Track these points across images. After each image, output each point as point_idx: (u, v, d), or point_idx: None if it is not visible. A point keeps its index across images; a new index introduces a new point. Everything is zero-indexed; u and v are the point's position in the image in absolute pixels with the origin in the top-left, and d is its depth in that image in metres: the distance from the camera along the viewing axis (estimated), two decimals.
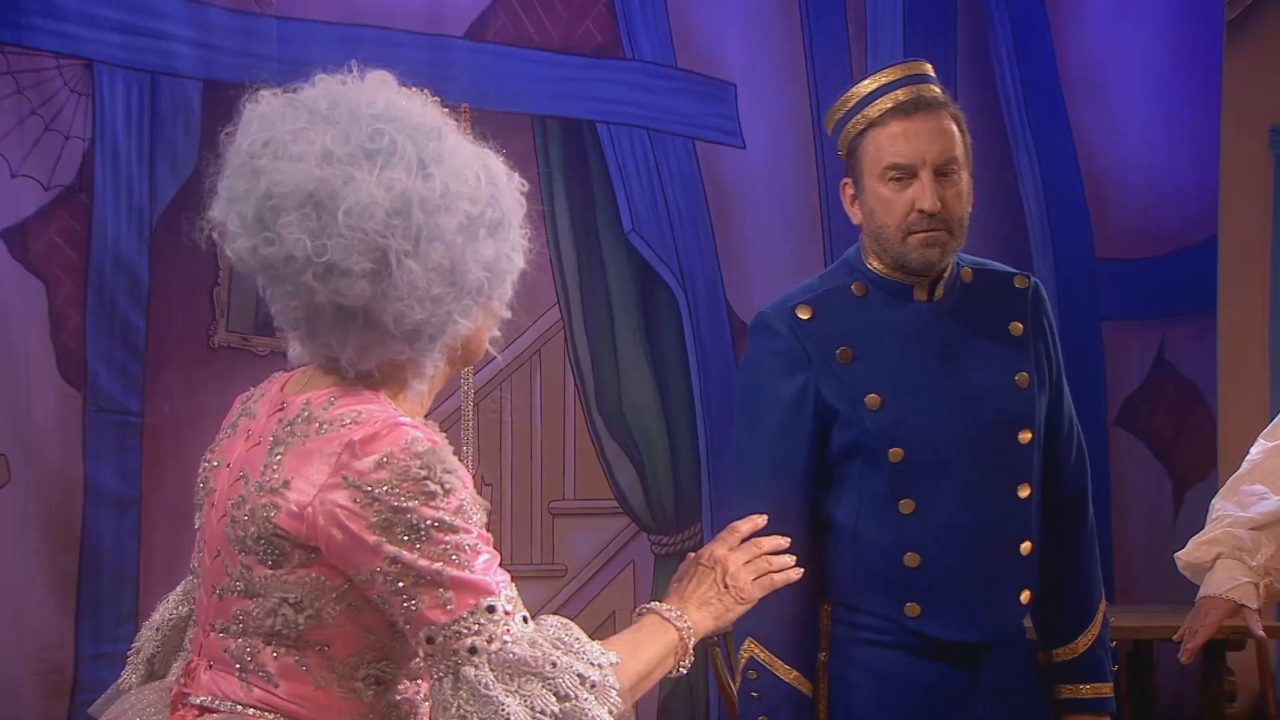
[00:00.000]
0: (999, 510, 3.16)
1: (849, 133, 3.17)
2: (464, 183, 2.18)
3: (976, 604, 3.15)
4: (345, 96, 2.18)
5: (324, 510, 2.13)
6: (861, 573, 3.15)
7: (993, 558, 3.15)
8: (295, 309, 2.18)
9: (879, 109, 3.13)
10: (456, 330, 2.22)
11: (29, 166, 4.76)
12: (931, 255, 3.11)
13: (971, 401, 3.14)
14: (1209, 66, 5.91)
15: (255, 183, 2.14)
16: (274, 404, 2.28)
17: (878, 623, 3.15)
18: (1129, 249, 5.96)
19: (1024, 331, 3.22)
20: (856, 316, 3.16)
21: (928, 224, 3.09)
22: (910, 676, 3.14)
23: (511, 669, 2.12)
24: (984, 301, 3.22)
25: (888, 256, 3.14)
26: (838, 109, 3.21)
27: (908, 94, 3.13)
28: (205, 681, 2.25)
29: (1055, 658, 3.29)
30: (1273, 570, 3.30)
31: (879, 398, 3.11)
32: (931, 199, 3.08)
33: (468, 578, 2.12)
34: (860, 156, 3.15)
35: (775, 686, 3.12)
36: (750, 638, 3.12)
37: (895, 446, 3.10)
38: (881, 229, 3.13)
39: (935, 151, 3.10)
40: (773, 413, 3.14)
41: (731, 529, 2.48)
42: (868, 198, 3.14)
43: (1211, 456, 5.82)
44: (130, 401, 4.83)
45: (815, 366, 3.12)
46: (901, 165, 3.09)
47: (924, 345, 3.16)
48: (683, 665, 2.38)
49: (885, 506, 3.12)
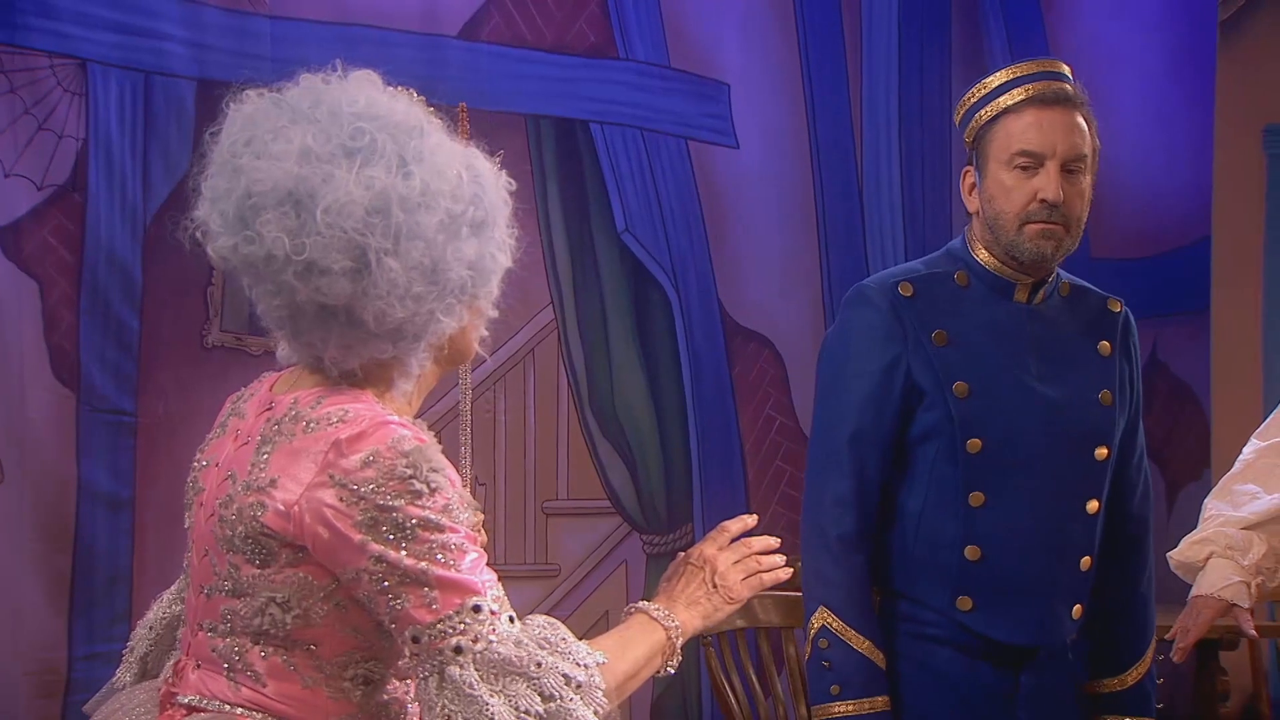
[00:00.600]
0: (1067, 520, 3.15)
1: (979, 119, 3.16)
2: (445, 181, 2.18)
3: (1029, 608, 3.13)
4: (327, 95, 2.18)
5: (310, 509, 2.14)
6: (919, 561, 3.14)
7: (1053, 566, 3.14)
8: (278, 308, 2.19)
9: (1015, 97, 3.13)
10: (440, 329, 2.22)
11: (22, 166, 4.75)
12: (1045, 248, 3.10)
13: (1056, 409, 3.14)
14: (1202, 67, 5.91)
15: (236, 181, 2.15)
16: (262, 404, 2.28)
17: (927, 615, 3.14)
18: (1122, 249, 5.96)
19: (1112, 352, 3.24)
20: (956, 304, 3.15)
21: (1047, 215, 3.09)
22: (953, 672, 3.13)
23: (496, 669, 2.12)
24: (1078, 316, 3.24)
25: (999, 246, 3.14)
26: (969, 97, 3.20)
27: (1046, 87, 3.13)
28: (193, 681, 2.25)
29: (1103, 687, 3.29)
30: (1265, 569, 3.31)
31: (967, 386, 3.10)
32: (1055, 189, 3.08)
33: (453, 577, 2.12)
34: (988, 142, 3.14)
35: (848, 656, 3.08)
36: (823, 605, 3.10)
37: (975, 437, 3.10)
38: (999, 215, 3.12)
39: (1066, 145, 3.11)
40: (861, 383, 3.13)
41: (721, 528, 2.48)
42: (989, 184, 3.13)
43: (1204, 456, 5.83)
44: (124, 401, 4.83)
45: (910, 344, 3.12)
46: (1031, 153, 3.09)
47: (1017, 345, 3.15)
48: (670, 665, 2.37)
49: (954, 497, 3.11)
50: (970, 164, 3.19)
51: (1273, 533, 3.33)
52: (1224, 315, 5.85)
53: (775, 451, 5.67)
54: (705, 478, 5.55)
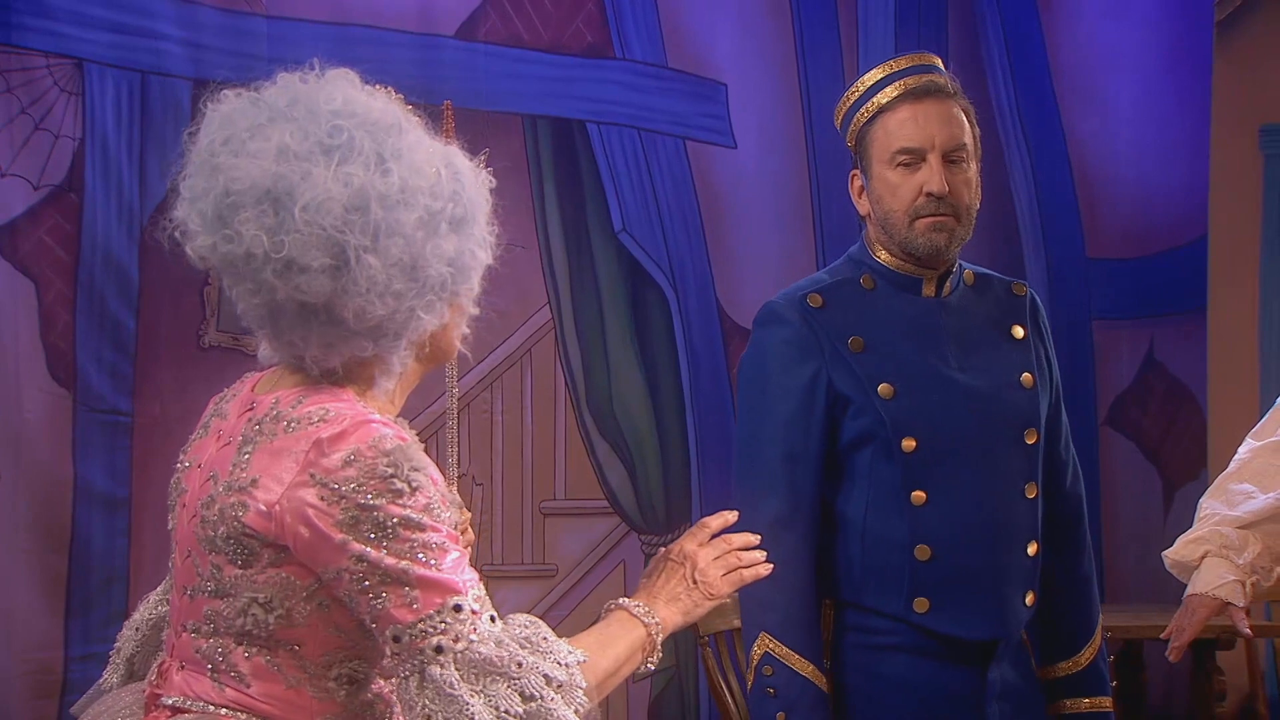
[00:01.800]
0: (1009, 508, 3.13)
1: (857, 122, 3.15)
2: (424, 178, 2.17)
3: (985, 601, 3.11)
4: (304, 94, 2.18)
5: (292, 508, 2.13)
6: (868, 567, 3.10)
7: (1003, 555, 3.12)
8: (258, 307, 2.19)
9: (888, 95, 3.11)
10: (421, 326, 2.21)
11: (18, 166, 4.75)
12: (938, 240, 3.09)
13: (981, 397, 3.12)
14: (1199, 66, 5.91)
15: (214, 180, 2.15)
16: (244, 404, 2.28)
17: (882, 623, 3.11)
18: (1119, 248, 5.96)
19: (1025, 335, 3.22)
20: (866, 308, 3.13)
21: (935, 208, 3.08)
22: (916, 679, 3.10)
23: (477, 669, 2.12)
24: (986, 303, 3.22)
25: (895, 244, 3.12)
26: (846, 99, 3.19)
27: (917, 81, 3.12)
28: (177, 682, 2.25)
29: (1058, 672, 3.27)
30: (1260, 569, 3.30)
31: (892, 387, 3.08)
32: (939, 182, 3.06)
33: (434, 576, 2.12)
34: (869, 144, 3.13)
35: (792, 682, 3.05)
36: (764, 632, 3.07)
37: (908, 436, 3.07)
38: (889, 214, 3.11)
39: (944, 136, 3.09)
40: (785, 402, 3.10)
41: (701, 524, 2.47)
42: (875, 184, 3.13)
43: (1201, 456, 5.83)
44: (120, 401, 4.83)
45: (827, 355, 3.09)
46: (910, 149, 3.08)
47: (933, 339, 3.14)
48: (650, 661, 2.35)
49: (896, 498, 3.08)
50: (855, 167, 3.18)
51: (1268, 532, 3.33)
52: (1221, 315, 5.85)
53: None
54: (703, 477, 5.55)
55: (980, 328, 3.19)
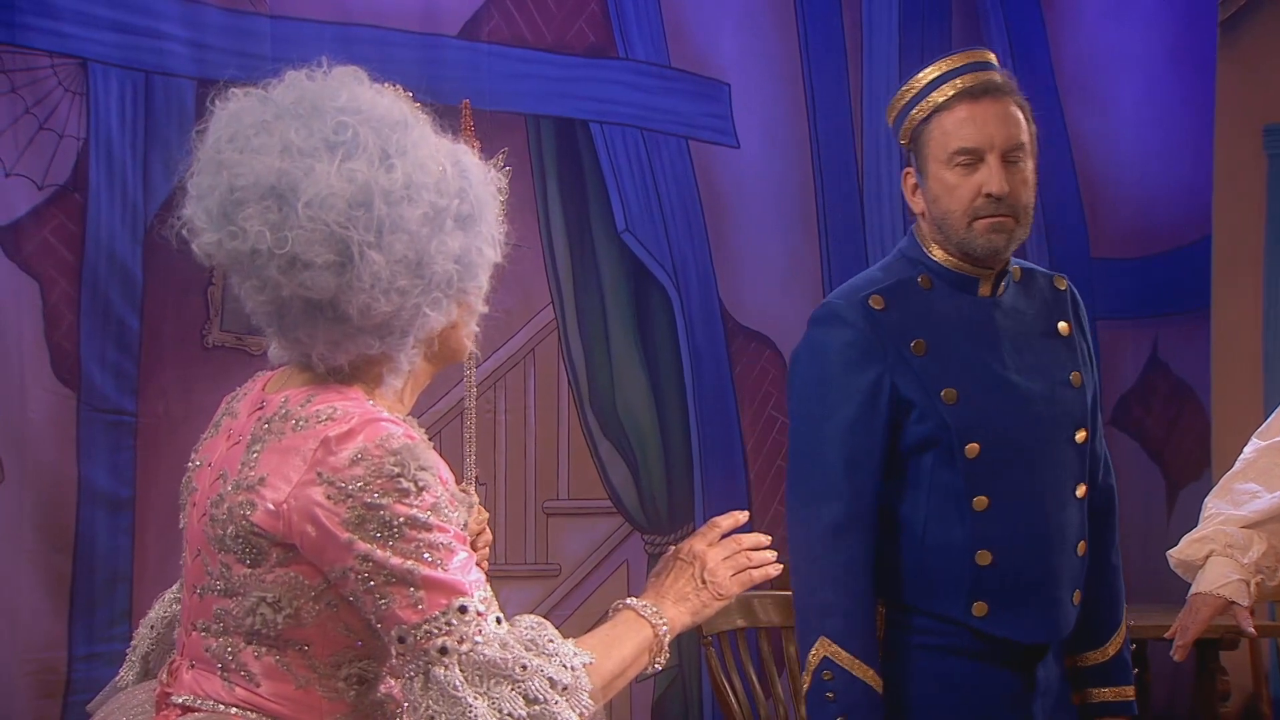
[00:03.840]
0: (1062, 509, 3.13)
1: (913, 120, 3.12)
2: (428, 174, 2.16)
3: (1042, 604, 3.10)
4: (310, 91, 2.17)
5: (299, 507, 2.13)
6: (926, 571, 3.08)
7: (1057, 557, 3.12)
8: (263, 304, 2.18)
9: (945, 94, 3.09)
10: (427, 324, 2.21)
11: (23, 165, 4.75)
12: (997, 242, 3.07)
13: (1036, 399, 3.11)
14: (1202, 66, 5.91)
15: (219, 177, 2.15)
16: (254, 403, 2.28)
17: (938, 625, 3.09)
18: (1123, 248, 5.97)
19: (1070, 331, 3.21)
20: (925, 309, 3.10)
21: (994, 209, 3.05)
22: (968, 680, 3.08)
23: (481, 670, 2.11)
24: (1034, 300, 3.20)
25: (951, 244, 3.10)
26: (900, 97, 3.16)
27: (974, 79, 3.10)
28: (188, 681, 2.24)
29: (1086, 661, 3.26)
30: (1264, 568, 3.30)
31: (955, 392, 3.06)
32: (999, 182, 3.04)
33: (440, 577, 2.11)
34: (925, 143, 3.10)
35: (852, 686, 3.01)
36: (824, 637, 3.02)
37: (972, 442, 3.05)
38: (946, 215, 3.08)
39: (1003, 136, 3.07)
40: (847, 406, 3.06)
41: (712, 524, 2.45)
42: (932, 184, 3.10)
43: (1205, 456, 5.82)
44: (124, 401, 4.83)
45: (890, 359, 3.06)
46: (969, 149, 3.06)
47: (991, 340, 3.12)
48: (658, 662, 2.34)
49: (957, 503, 3.06)
50: (909, 164, 3.16)
51: (1273, 531, 3.33)
52: (1224, 314, 5.84)
53: (777, 451, 5.66)
54: (706, 477, 5.55)
55: (1030, 327, 3.18)
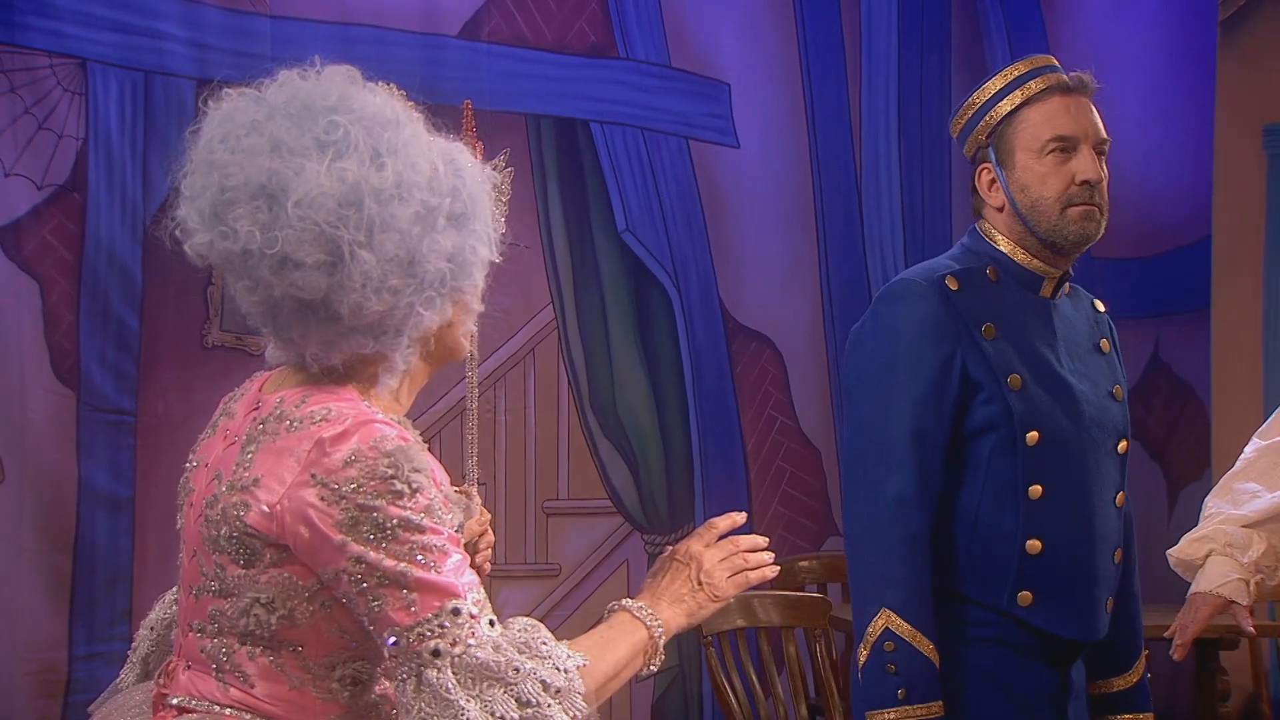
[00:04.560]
0: (1106, 513, 3.15)
1: (994, 116, 3.15)
2: (420, 173, 2.16)
3: (1082, 601, 3.11)
4: (302, 90, 2.17)
5: (292, 508, 2.12)
6: (975, 556, 3.08)
7: (1100, 559, 3.13)
8: (256, 304, 2.18)
9: (1036, 87, 3.13)
10: (421, 323, 2.20)
11: (22, 165, 4.75)
12: (1090, 229, 3.12)
13: (1087, 403, 3.14)
14: (1203, 66, 5.92)
15: (211, 177, 2.14)
16: (251, 403, 2.27)
17: (980, 614, 3.09)
18: (1123, 248, 5.97)
19: (1110, 350, 3.26)
20: (994, 297, 3.13)
21: (1089, 196, 3.10)
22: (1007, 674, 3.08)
23: (474, 673, 2.10)
24: (1081, 314, 3.26)
25: (1039, 233, 3.13)
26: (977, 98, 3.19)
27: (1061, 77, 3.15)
28: (183, 682, 2.24)
29: (1112, 687, 3.27)
30: (1264, 568, 3.30)
31: (1020, 378, 3.07)
32: (1095, 169, 3.10)
33: (433, 579, 2.11)
34: (1013, 135, 3.13)
35: (914, 659, 3.00)
36: (886, 609, 3.01)
37: (1033, 429, 3.06)
38: (1038, 203, 3.11)
39: (1095, 128, 3.13)
40: (917, 381, 3.06)
41: (709, 525, 2.45)
42: (1020, 174, 3.13)
43: (1206, 456, 5.83)
44: (124, 401, 4.83)
45: (964, 339, 3.07)
46: (1066, 137, 3.10)
47: (1050, 339, 3.15)
48: (653, 664, 2.33)
49: (1012, 489, 3.06)
50: (987, 161, 3.18)
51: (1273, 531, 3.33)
52: (1225, 314, 5.85)
53: (777, 451, 5.67)
54: (707, 477, 5.55)
55: (1081, 336, 3.22)
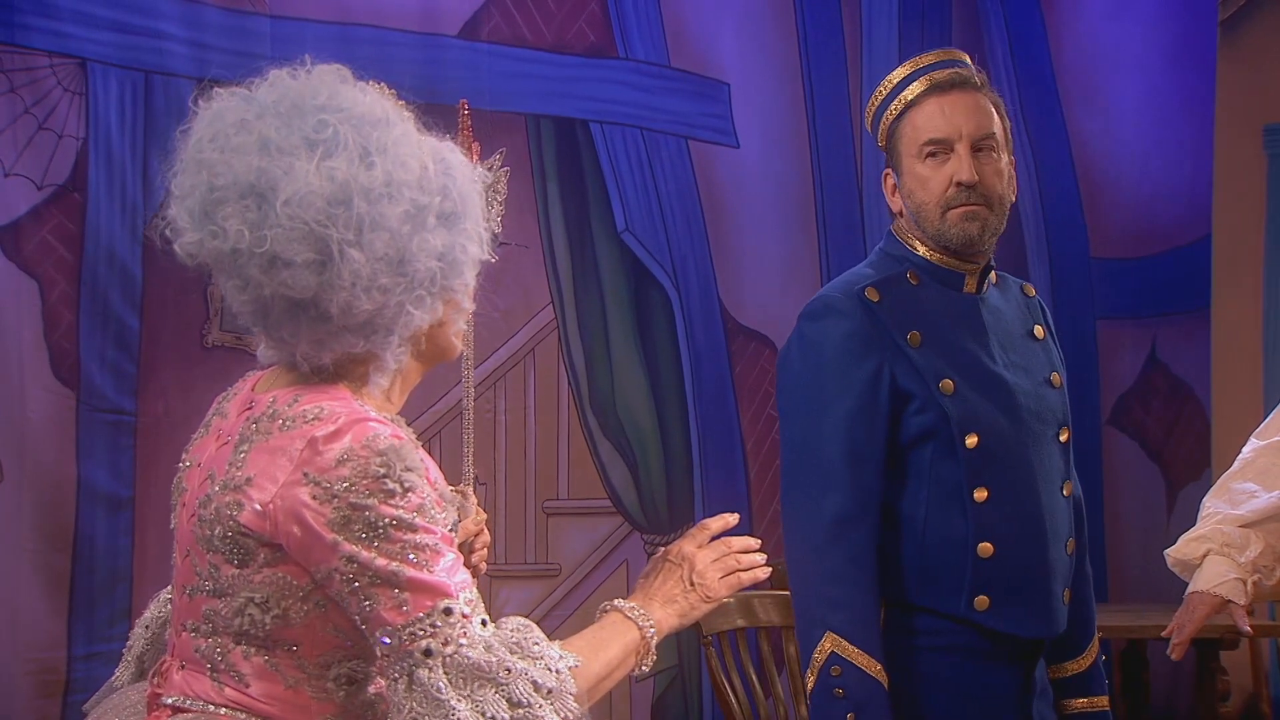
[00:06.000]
0: (1054, 505, 3.12)
1: (887, 120, 3.15)
2: (410, 172, 2.16)
3: (1039, 599, 3.09)
4: (291, 89, 2.17)
5: (285, 507, 2.12)
6: (927, 566, 3.06)
7: (1050, 553, 3.10)
8: (246, 303, 2.18)
9: (914, 91, 3.11)
10: (412, 322, 2.20)
11: (22, 165, 4.75)
12: (971, 230, 3.07)
13: (1024, 395, 3.11)
14: (1203, 66, 5.92)
15: (200, 177, 2.15)
16: (243, 403, 2.27)
17: (936, 623, 3.07)
18: (1123, 248, 5.97)
19: (1045, 335, 3.23)
20: (916, 303, 3.10)
21: (966, 198, 3.06)
22: (967, 681, 3.06)
23: (465, 673, 2.10)
24: (1011, 303, 3.22)
25: (929, 238, 3.11)
26: (874, 98, 3.18)
27: (943, 75, 3.12)
28: (178, 681, 2.24)
29: (1064, 671, 3.25)
30: (1262, 568, 3.30)
31: (952, 383, 3.05)
32: (968, 171, 3.06)
33: (425, 579, 2.10)
34: (898, 139, 3.12)
35: (862, 682, 2.97)
36: (830, 632, 2.98)
37: (971, 433, 3.04)
38: (921, 207, 3.10)
39: (971, 126, 3.08)
40: (846, 398, 3.03)
41: (701, 526, 2.45)
42: (906, 179, 3.12)
43: (1205, 456, 5.83)
44: (124, 401, 4.83)
45: (889, 350, 3.05)
46: (938, 140, 3.08)
47: (979, 336, 3.12)
48: (645, 664, 2.33)
49: (958, 495, 3.04)
50: (888, 165, 3.18)
51: (1270, 531, 3.33)
52: (1224, 314, 5.85)
53: (777, 450, 5.65)
54: (706, 477, 5.55)
55: (1012, 327, 3.19)
